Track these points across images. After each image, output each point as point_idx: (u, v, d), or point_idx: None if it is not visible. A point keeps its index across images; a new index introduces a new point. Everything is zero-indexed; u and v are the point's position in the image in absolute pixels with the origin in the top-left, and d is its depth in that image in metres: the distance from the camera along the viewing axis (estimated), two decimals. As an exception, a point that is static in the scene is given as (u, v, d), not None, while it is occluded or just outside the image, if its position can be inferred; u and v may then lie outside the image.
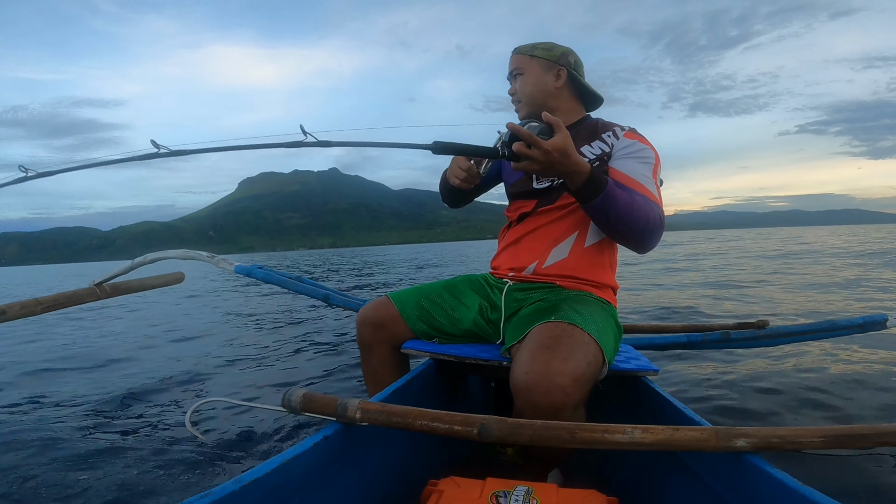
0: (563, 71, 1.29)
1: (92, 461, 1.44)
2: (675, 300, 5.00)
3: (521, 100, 1.32)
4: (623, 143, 1.24)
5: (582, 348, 0.95)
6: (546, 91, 1.29)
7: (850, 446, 0.72)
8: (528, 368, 0.91)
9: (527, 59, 1.30)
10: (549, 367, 0.89)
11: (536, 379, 0.88)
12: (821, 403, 1.92)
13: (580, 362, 0.92)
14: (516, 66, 1.32)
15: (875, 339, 2.85)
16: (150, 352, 3.07)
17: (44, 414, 1.88)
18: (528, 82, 1.30)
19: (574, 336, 0.97)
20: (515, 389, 0.91)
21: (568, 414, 0.88)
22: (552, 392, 0.87)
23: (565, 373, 0.88)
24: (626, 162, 1.20)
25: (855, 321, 1.69)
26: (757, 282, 6.59)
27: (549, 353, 0.92)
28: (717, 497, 0.79)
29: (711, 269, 9.14)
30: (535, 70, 1.29)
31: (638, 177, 1.17)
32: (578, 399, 0.90)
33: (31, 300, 1.94)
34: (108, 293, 2.22)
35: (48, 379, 2.41)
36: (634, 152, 1.21)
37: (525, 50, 1.31)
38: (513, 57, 1.34)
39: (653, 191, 1.16)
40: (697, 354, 2.63)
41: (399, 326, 1.29)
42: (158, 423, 1.76)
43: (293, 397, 0.81)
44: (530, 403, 0.89)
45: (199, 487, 1.28)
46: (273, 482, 0.66)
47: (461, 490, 0.75)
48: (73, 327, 4.27)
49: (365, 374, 1.37)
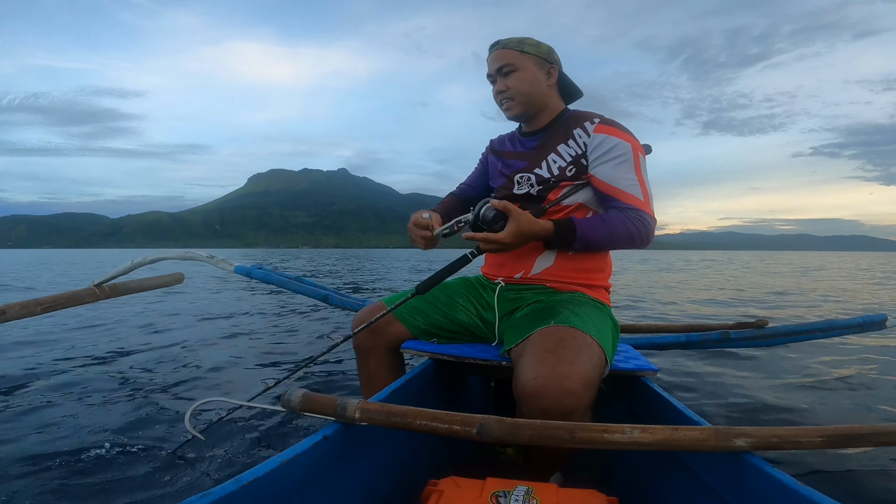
0: (554, 69, 1.26)
1: (90, 461, 1.44)
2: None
3: (514, 98, 1.24)
4: (595, 141, 1.18)
5: (586, 350, 0.95)
6: (540, 90, 1.24)
7: (849, 446, 0.72)
8: (535, 374, 0.89)
9: (517, 54, 1.23)
10: (556, 371, 0.88)
11: (545, 384, 0.87)
12: (820, 403, 1.92)
13: (586, 365, 0.91)
14: (506, 61, 1.23)
15: (874, 339, 2.85)
16: (149, 351, 3.07)
17: (43, 413, 1.88)
18: (524, 80, 1.23)
19: (577, 339, 0.97)
20: (523, 395, 0.90)
21: (577, 419, 0.87)
22: (562, 397, 0.86)
23: (574, 376, 0.88)
24: (604, 168, 1.17)
25: (854, 321, 1.69)
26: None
27: (553, 358, 0.91)
28: (716, 496, 0.79)
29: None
30: (529, 67, 1.23)
31: (619, 183, 1.15)
32: (588, 402, 0.89)
33: (30, 301, 1.94)
34: (108, 294, 2.22)
35: (48, 378, 2.41)
36: (609, 152, 1.17)
37: (513, 45, 1.23)
38: (498, 52, 1.24)
39: (636, 194, 1.15)
40: (697, 354, 2.63)
41: (394, 329, 1.29)
42: (158, 423, 1.76)
43: (293, 397, 0.81)
44: (539, 409, 0.87)
45: (199, 487, 1.28)
46: (273, 482, 0.66)
47: (461, 490, 0.75)
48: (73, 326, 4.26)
49: (361, 379, 1.37)
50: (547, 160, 1.23)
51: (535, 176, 1.24)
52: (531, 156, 1.27)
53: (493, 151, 1.41)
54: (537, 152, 1.26)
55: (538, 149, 1.27)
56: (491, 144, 1.45)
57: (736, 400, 1.97)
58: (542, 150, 1.25)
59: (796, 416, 1.81)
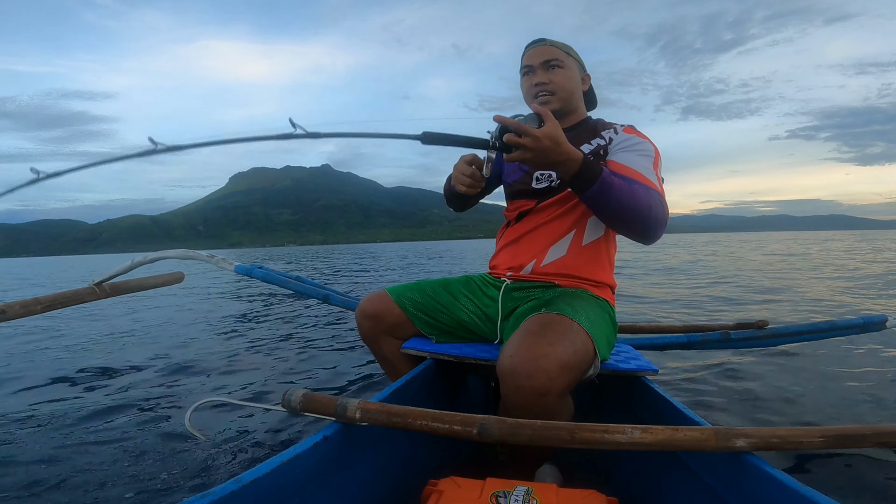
0: (587, 77, 1.35)
1: (90, 461, 1.44)
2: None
3: (556, 92, 1.26)
4: (621, 137, 1.24)
5: (569, 335, 0.95)
6: (577, 92, 1.31)
7: (850, 446, 0.72)
8: (512, 352, 0.91)
9: (564, 54, 1.28)
10: (533, 350, 0.89)
11: (520, 362, 0.88)
12: (820, 403, 1.92)
13: (567, 348, 0.92)
14: (554, 56, 1.27)
15: (875, 340, 2.85)
16: (149, 351, 3.07)
17: (42, 413, 1.88)
18: (569, 78, 1.28)
19: (562, 324, 0.97)
20: (501, 374, 0.92)
21: (552, 400, 0.88)
22: (536, 375, 0.87)
23: (550, 357, 0.88)
24: (624, 154, 1.19)
25: (854, 321, 1.69)
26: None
27: (534, 338, 0.92)
28: (716, 497, 0.79)
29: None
30: (574, 68, 1.30)
31: (637, 167, 1.15)
32: (563, 386, 0.90)
33: (30, 300, 1.94)
34: (108, 293, 2.22)
35: (47, 378, 2.41)
36: (632, 145, 1.20)
37: (560, 45, 1.29)
38: (545, 47, 1.28)
39: (653, 181, 1.14)
40: (697, 354, 2.63)
41: (396, 317, 1.30)
42: (158, 423, 1.76)
43: (293, 397, 0.81)
44: (514, 387, 0.89)
45: (199, 487, 1.28)
46: (273, 482, 0.66)
47: (461, 490, 0.75)
48: (71, 326, 4.26)
49: (380, 364, 1.38)
50: None
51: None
52: None
53: None
54: None
55: None
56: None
57: (736, 400, 1.97)
58: None
59: (796, 416, 1.81)
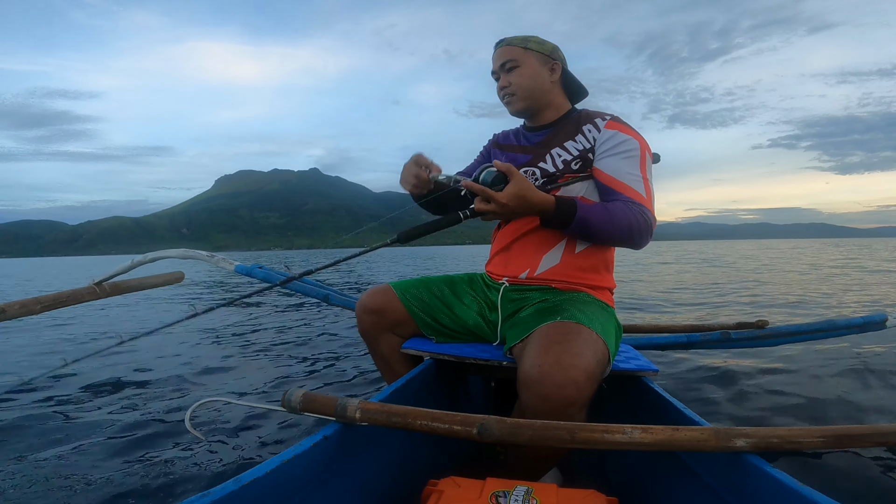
0: (557, 65, 1.28)
1: (90, 460, 1.44)
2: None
3: (516, 93, 1.26)
4: (604, 136, 1.20)
5: (591, 345, 0.95)
6: (542, 86, 1.27)
7: (850, 446, 0.72)
8: (540, 361, 0.89)
9: (520, 51, 1.25)
10: (561, 360, 0.89)
11: (549, 371, 0.87)
12: (820, 403, 1.92)
13: (591, 359, 0.92)
14: (509, 57, 1.25)
15: (875, 339, 2.85)
16: (149, 351, 3.07)
17: (41, 412, 1.88)
18: (525, 75, 1.25)
19: (582, 333, 0.97)
20: (526, 382, 0.90)
21: (576, 411, 0.87)
22: (565, 385, 0.86)
23: (579, 367, 0.88)
24: (609, 161, 1.18)
25: (854, 321, 1.69)
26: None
27: (559, 348, 0.91)
28: (716, 497, 0.79)
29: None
30: (531, 63, 1.25)
31: (623, 177, 1.15)
32: (588, 395, 0.90)
33: (30, 299, 1.94)
34: (108, 292, 2.22)
35: (45, 377, 2.41)
36: (617, 147, 1.18)
37: (517, 42, 1.26)
38: (502, 49, 1.27)
39: (639, 189, 1.15)
40: (697, 354, 2.63)
41: (399, 313, 1.28)
42: (158, 423, 1.76)
43: (293, 397, 0.81)
44: (540, 396, 0.87)
45: (199, 487, 1.28)
46: (273, 482, 0.66)
47: (461, 490, 0.75)
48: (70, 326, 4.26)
49: (376, 362, 1.37)
50: (552, 154, 1.24)
51: (540, 170, 1.25)
52: (536, 150, 1.28)
53: (497, 145, 1.42)
54: (542, 147, 1.27)
55: (543, 144, 1.28)
56: (495, 138, 1.45)
57: (736, 400, 1.97)
58: (548, 144, 1.27)
59: (796, 416, 1.81)
